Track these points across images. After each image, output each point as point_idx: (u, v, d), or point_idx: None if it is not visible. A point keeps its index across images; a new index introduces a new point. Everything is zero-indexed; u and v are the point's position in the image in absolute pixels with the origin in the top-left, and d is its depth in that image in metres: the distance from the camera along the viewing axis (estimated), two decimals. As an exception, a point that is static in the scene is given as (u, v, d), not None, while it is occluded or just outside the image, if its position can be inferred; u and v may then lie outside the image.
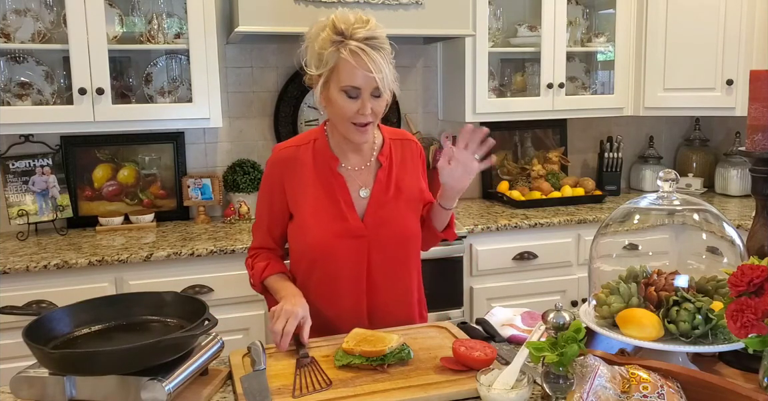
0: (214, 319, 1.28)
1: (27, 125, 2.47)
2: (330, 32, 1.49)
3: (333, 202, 1.63)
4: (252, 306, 2.45)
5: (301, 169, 1.64)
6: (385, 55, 1.50)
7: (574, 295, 2.84)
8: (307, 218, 1.64)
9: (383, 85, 1.50)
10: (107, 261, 2.27)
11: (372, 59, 1.46)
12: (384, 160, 1.68)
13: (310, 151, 1.66)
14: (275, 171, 1.66)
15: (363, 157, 1.67)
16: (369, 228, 1.63)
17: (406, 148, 1.74)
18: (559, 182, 3.19)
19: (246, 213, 2.82)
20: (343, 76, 1.49)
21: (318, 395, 1.23)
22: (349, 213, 1.63)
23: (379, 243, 1.64)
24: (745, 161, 3.18)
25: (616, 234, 1.42)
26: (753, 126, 1.36)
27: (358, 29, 1.47)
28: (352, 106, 1.52)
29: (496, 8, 3.05)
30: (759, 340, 1.08)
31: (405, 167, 1.71)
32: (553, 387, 1.13)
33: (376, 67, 1.47)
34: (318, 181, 1.64)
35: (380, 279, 1.66)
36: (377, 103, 1.54)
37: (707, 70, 3.03)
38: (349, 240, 1.62)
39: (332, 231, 1.62)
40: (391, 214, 1.65)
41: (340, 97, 1.52)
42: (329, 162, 1.64)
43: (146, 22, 2.67)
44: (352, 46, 1.46)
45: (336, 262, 1.63)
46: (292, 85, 3.00)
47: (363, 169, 1.67)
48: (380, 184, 1.66)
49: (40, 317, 1.29)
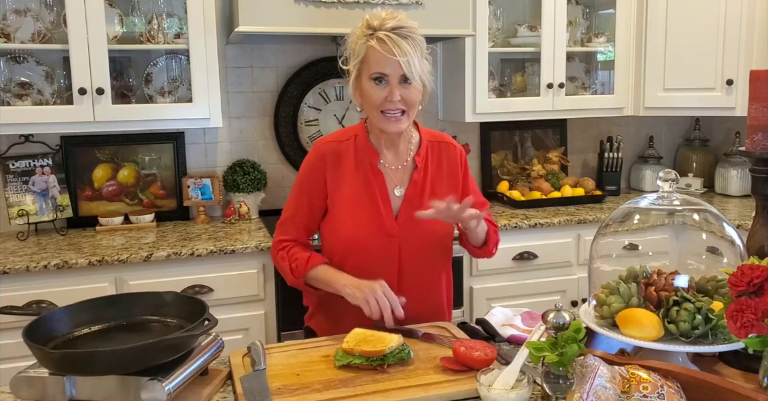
0: (214, 319, 1.28)
1: (27, 125, 2.47)
2: (363, 28, 1.57)
3: (371, 198, 1.65)
4: (252, 306, 2.45)
5: (343, 164, 1.67)
6: (414, 43, 1.54)
7: (574, 295, 2.84)
8: (342, 213, 1.66)
9: (409, 69, 1.53)
10: (107, 261, 2.27)
11: (398, 44, 1.51)
12: (420, 162, 1.70)
13: (352, 146, 1.69)
14: (318, 165, 1.68)
15: (399, 156, 1.70)
16: (402, 227, 1.66)
17: (444, 151, 1.74)
18: (559, 182, 3.19)
19: (246, 214, 2.81)
20: (371, 64, 1.55)
21: (318, 395, 1.23)
22: (385, 210, 1.65)
23: (410, 244, 1.66)
24: (745, 161, 3.18)
25: (616, 234, 1.42)
26: (753, 126, 1.36)
27: (388, 21, 1.54)
28: (381, 94, 1.56)
29: (496, 8, 3.05)
30: (759, 340, 1.08)
31: (441, 171, 1.72)
32: (553, 387, 1.13)
33: (401, 51, 1.51)
34: (357, 177, 1.66)
35: (411, 279, 1.68)
36: (407, 90, 1.56)
37: (707, 70, 3.03)
38: (382, 238, 1.65)
39: (366, 228, 1.64)
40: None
41: (369, 84, 1.57)
42: (370, 157, 1.67)
43: (146, 22, 2.67)
44: (380, 34, 1.53)
45: (367, 259, 1.65)
46: (292, 85, 3.00)
47: (399, 169, 1.69)
48: (415, 185, 1.68)
49: (40, 317, 1.29)
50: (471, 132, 3.32)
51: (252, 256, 2.43)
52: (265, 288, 2.46)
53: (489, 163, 3.36)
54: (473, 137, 3.33)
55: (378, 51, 1.53)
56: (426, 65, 1.58)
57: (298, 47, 3.00)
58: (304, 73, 3.00)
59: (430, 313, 1.71)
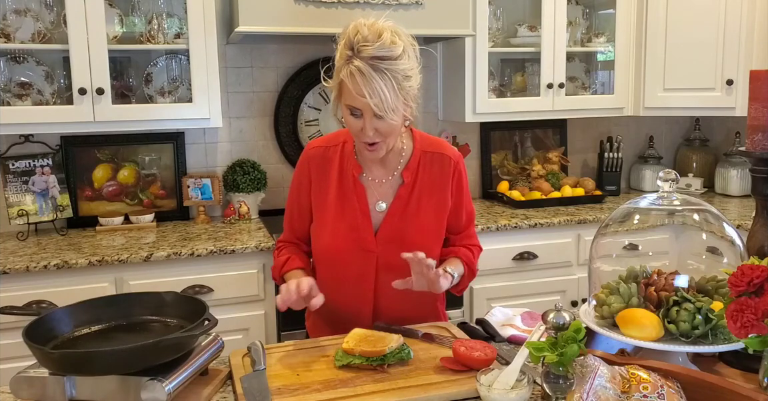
0: (214, 319, 1.28)
1: (27, 125, 2.47)
2: (345, 43, 1.44)
3: (350, 211, 1.61)
4: (252, 306, 2.45)
5: (327, 171, 1.63)
6: (389, 77, 1.41)
7: (574, 295, 2.84)
8: (324, 221, 1.64)
9: (381, 108, 1.42)
10: (107, 262, 2.27)
11: (368, 83, 1.39)
12: (408, 177, 1.61)
13: (338, 153, 1.63)
14: (304, 168, 1.67)
15: (387, 169, 1.63)
16: (381, 243, 1.60)
17: (437, 163, 1.63)
18: (559, 182, 3.20)
19: (246, 214, 2.82)
20: (345, 94, 1.47)
21: (318, 395, 1.23)
22: (363, 224, 1.60)
23: (389, 261, 1.58)
24: (745, 161, 3.18)
25: (616, 235, 1.42)
26: (753, 126, 1.36)
27: (367, 47, 1.40)
28: (357, 124, 1.48)
29: (496, 8, 3.05)
30: (759, 340, 1.08)
31: (432, 186, 1.63)
32: (553, 387, 1.13)
33: (371, 91, 1.40)
34: (340, 187, 1.62)
35: (387, 296, 1.62)
36: (381, 123, 1.46)
37: (707, 70, 3.03)
38: (358, 252, 1.60)
39: (343, 241, 1.61)
40: (405, 234, 1.60)
41: (346, 112, 1.49)
42: (352, 170, 1.61)
43: (146, 22, 2.67)
44: (354, 66, 1.41)
45: (344, 271, 1.62)
46: (292, 85, 3.00)
47: (384, 182, 1.63)
48: (400, 200, 1.62)
49: (40, 317, 1.29)
50: (471, 132, 3.32)
51: (252, 256, 2.43)
52: (265, 288, 2.46)
53: (489, 163, 3.36)
54: (473, 137, 3.33)
55: (349, 86, 1.43)
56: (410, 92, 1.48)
57: (298, 47, 3.00)
58: (304, 73, 3.00)
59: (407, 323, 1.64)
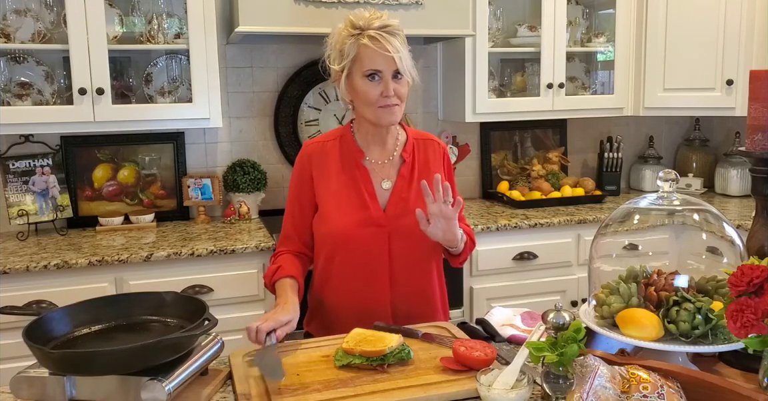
0: (214, 319, 1.28)
1: (27, 125, 2.47)
2: (348, 28, 1.60)
3: (356, 192, 1.69)
4: (252, 306, 2.45)
5: (328, 162, 1.72)
6: (401, 40, 1.61)
7: (574, 295, 2.84)
8: (330, 207, 1.69)
9: (402, 65, 1.59)
10: (107, 262, 2.27)
11: (389, 42, 1.58)
12: (407, 157, 1.74)
13: (337, 146, 1.74)
14: (304, 164, 1.74)
15: (386, 151, 1.74)
16: (390, 218, 1.68)
17: (429, 148, 1.79)
18: (559, 182, 3.20)
19: (246, 214, 2.82)
20: (365, 62, 1.59)
21: (318, 395, 1.23)
22: (371, 203, 1.69)
23: (400, 233, 1.68)
24: (745, 161, 3.18)
25: (616, 235, 1.42)
26: (753, 126, 1.36)
27: (374, 20, 1.59)
28: (376, 89, 1.60)
29: (496, 8, 3.05)
30: (759, 340, 1.08)
31: (428, 166, 1.76)
32: (553, 387, 1.13)
33: (393, 48, 1.57)
34: (343, 173, 1.70)
35: (402, 269, 1.69)
36: (398, 84, 1.62)
37: (707, 70, 3.03)
38: (370, 228, 1.67)
39: (353, 220, 1.67)
40: (412, 207, 1.66)
41: (364, 82, 1.61)
42: (354, 155, 1.72)
43: (146, 22, 2.67)
44: (371, 33, 1.58)
45: (357, 251, 1.67)
46: (292, 85, 3.00)
47: (386, 163, 1.73)
48: (403, 178, 1.73)
49: (40, 317, 1.29)
50: (471, 132, 3.32)
51: (252, 256, 2.43)
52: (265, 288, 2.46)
53: (489, 163, 3.36)
54: (473, 137, 3.33)
55: (371, 48, 1.57)
56: (410, 59, 1.64)
57: (298, 47, 3.00)
58: (304, 73, 3.00)
59: (422, 307, 1.73)
